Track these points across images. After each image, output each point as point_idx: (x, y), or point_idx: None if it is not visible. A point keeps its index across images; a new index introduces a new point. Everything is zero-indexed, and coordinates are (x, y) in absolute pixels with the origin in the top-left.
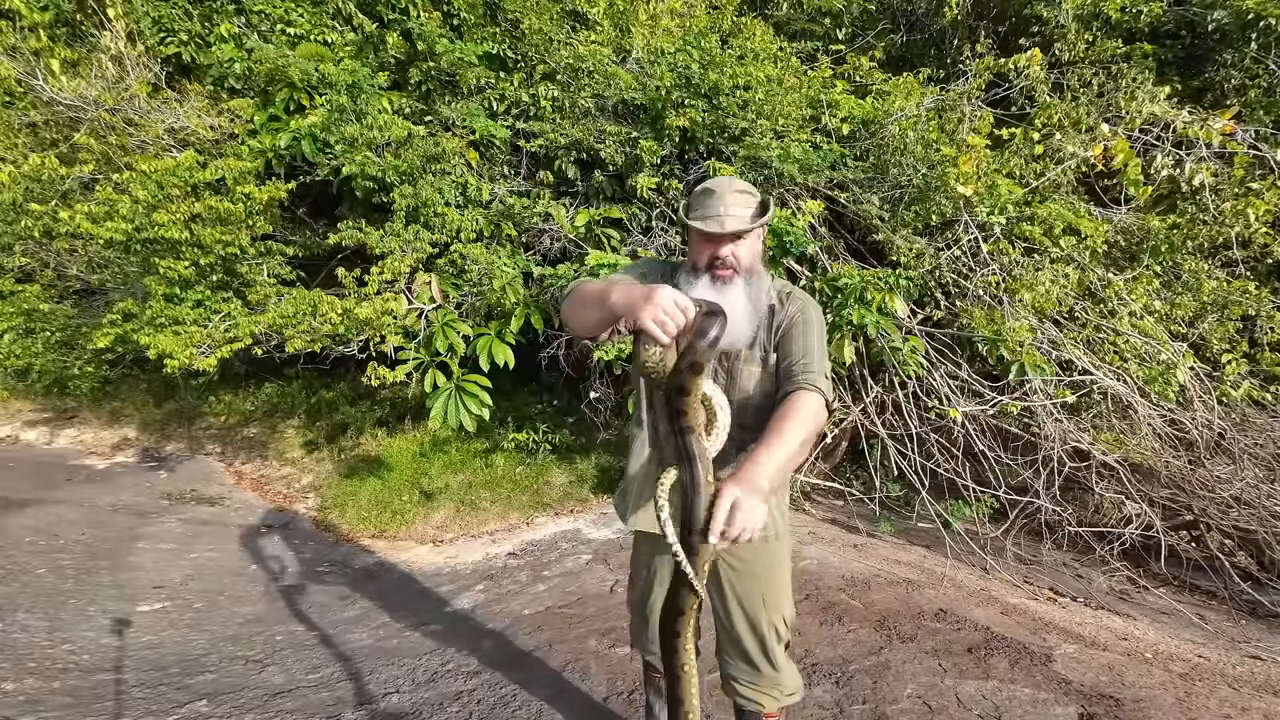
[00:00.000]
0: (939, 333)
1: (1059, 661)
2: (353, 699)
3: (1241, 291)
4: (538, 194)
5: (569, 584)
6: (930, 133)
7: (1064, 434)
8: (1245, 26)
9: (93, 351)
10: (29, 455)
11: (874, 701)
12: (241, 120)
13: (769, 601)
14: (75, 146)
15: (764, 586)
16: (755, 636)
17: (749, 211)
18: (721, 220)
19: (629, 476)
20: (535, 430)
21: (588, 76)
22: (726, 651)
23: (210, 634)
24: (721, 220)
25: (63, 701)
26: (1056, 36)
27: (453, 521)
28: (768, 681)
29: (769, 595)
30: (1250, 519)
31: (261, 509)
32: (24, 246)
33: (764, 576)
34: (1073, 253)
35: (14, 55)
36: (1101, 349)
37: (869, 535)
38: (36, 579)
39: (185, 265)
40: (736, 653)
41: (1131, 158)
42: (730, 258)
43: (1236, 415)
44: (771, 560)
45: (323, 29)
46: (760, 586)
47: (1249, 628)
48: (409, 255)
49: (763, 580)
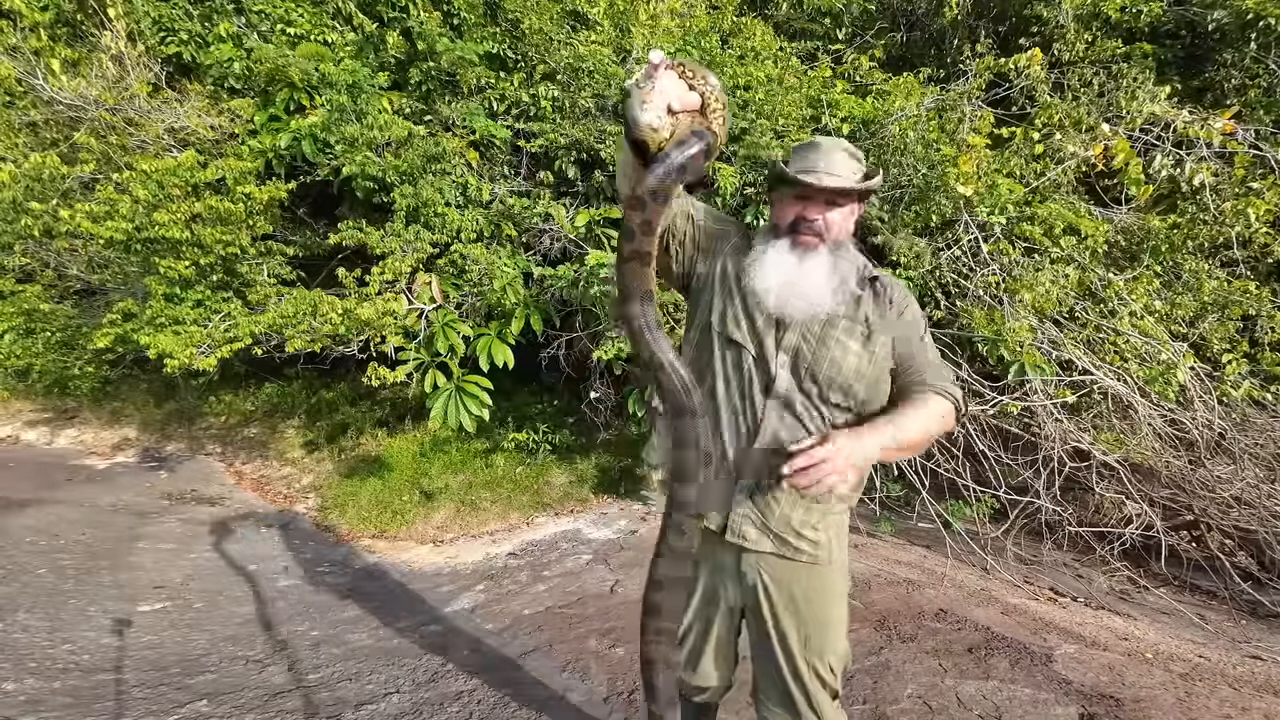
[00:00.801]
0: (939, 333)
1: (1059, 661)
2: (353, 699)
3: (1242, 291)
4: (538, 194)
5: (569, 584)
6: (930, 133)
7: (1064, 434)
8: (1245, 26)
9: (93, 351)
10: (29, 455)
11: (874, 701)
12: (241, 120)
13: (812, 642)
14: (75, 146)
15: (807, 622)
16: (796, 681)
17: (855, 175)
18: (819, 176)
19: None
20: (535, 430)
21: (588, 76)
22: (764, 692)
23: (210, 634)
24: (819, 176)
25: (63, 701)
26: (1056, 36)
27: (453, 521)
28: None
29: (813, 634)
30: (1250, 519)
31: (262, 509)
32: (24, 246)
33: (806, 610)
34: (1073, 253)
35: (14, 55)
36: (1102, 349)
37: (869, 535)
38: (37, 579)
39: (185, 265)
40: (774, 697)
41: (1132, 157)
42: (820, 222)
43: (1236, 415)
44: (820, 589)
45: (323, 29)
46: (801, 622)
47: (1249, 628)
48: (409, 255)
49: (804, 613)
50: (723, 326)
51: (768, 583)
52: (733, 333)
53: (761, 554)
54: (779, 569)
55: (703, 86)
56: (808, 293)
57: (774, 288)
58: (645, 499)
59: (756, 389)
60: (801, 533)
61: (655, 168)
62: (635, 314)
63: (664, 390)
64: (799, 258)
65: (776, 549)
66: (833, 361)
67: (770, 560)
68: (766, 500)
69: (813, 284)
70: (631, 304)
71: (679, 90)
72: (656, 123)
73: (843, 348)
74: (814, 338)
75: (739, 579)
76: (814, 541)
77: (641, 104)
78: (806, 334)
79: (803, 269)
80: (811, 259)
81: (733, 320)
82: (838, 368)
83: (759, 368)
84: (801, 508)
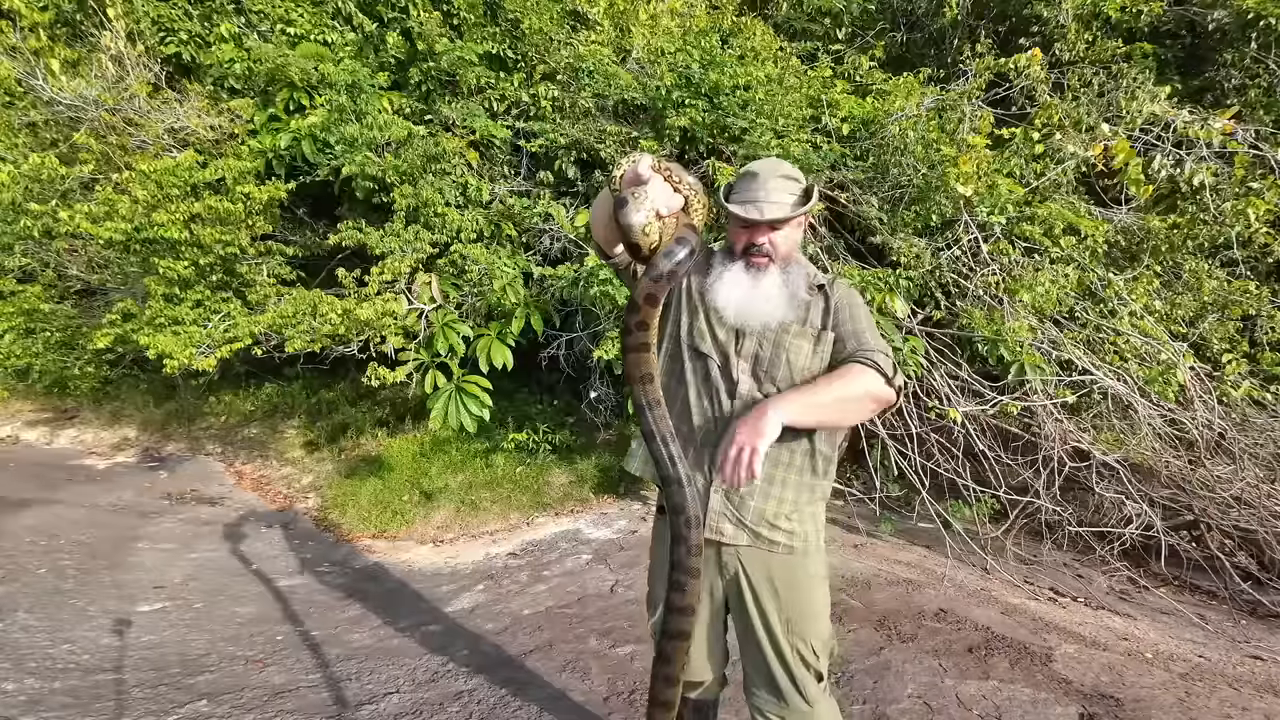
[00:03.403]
0: (939, 333)
1: (1059, 661)
2: (353, 699)
3: (1242, 291)
4: (538, 194)
5: (569, 584)
6: (930, 133)
7: (1064, 434)
8: (1245, 26)
9: (93, 351)
10: (29, 455)
11: (874, 701)
12: (241, 120)
13: (794, 626)
14: (75, 146)
15: (787, 606)
16: (781, 664)
17: (791, 198)
18: (760, 207)
19: None
20: (535, 430)
21: (588, 76)
22: (751, 680)
23: (210, 634)
24: (760, 207)
25: (63, 701)
26: (1056, 36)
27: (453, 521)
28: (799, 717)
29: (794, 617)
30: (1250, 519)
31: (262, 509)
32: (24, 246)
33: (786, 595)
34: (1073, 253)
35: (14, 55)
36: (1101, 349)
37: (869, 535)
38: (37, 579)
39: (185, 265)
40: (760, 682)
41: (1132, 157)
42: (766, 245)
43: (1236, 415)
44: (794, 578)
45: (323, 29)
46: (781, 606)
47: (1249, 628)
48: (409, 255)
49: (784, 598)
50: (691, 339)
51: (747, 572)
52: (700, 344)
53: (740, 548)
54: (757, 560)
55: (687, 191)
56: (762, 308)
57: (732, 304)
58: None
59: (723, 393)
60: (775, 524)
61: (647, 274)
62: (637, 394)
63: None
64: (753, 277)
65: (752, 542)
66: (787, 363)
67: (749, 553)
68: (739, 497)
69: (766, 299)
70: (634, 386)
71: (665, 196)
72: (648, 226)
73: (796, 349)
74: (770, 343)
75: (720, 572)
76: (789, 532)
77: (636, 210)
78: (763, 341)
79: (757, 287)
80: (764, 277)
81: (699, 334)
82: (792, 368)
83: (724, 375)
84: (773, 500)
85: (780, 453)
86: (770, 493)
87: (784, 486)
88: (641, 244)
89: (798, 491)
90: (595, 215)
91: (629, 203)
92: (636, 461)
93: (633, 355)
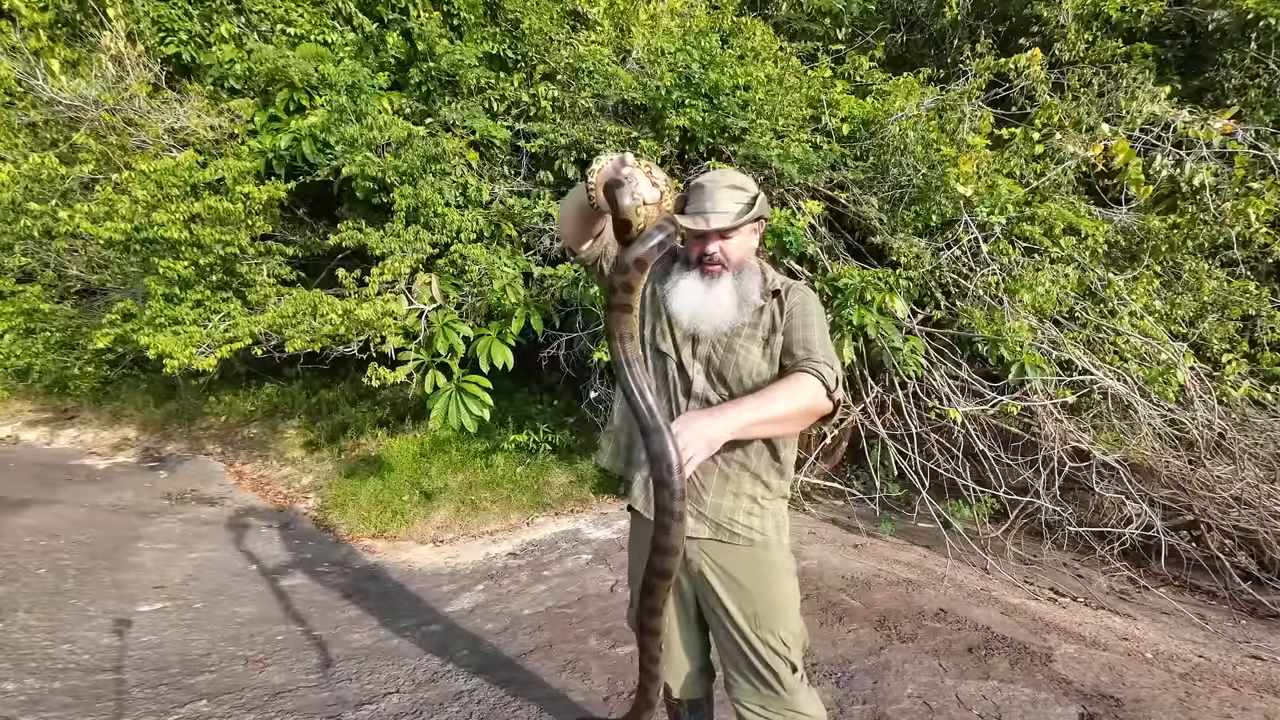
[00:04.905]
0: (939, 333)
1: (1059, 661)
2: (353, 699)
3: (1241, 291)
4: (538, 194)
5: (569, 584)
6: (930, 133)
7: (1064, 434)
8: (1245, 26)
9: (93, 351)
10: (29, 455)
11: (874, 701)
12: (241, 120)
13: (761, 619)
14: (75, 146)
15: (754, 599)
16: (754, 655)
17: (738, 208)
18: (707, 218)
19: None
20: (535, 430)
21: (588, 76)
22: (728, 675)
23: (210, 634)
24: (707, 218)
25: (63, 701)
26: (1056, 36)
27: (453, 521)
28: (779, 704)
29: (761, 610)
30: (1250, 519)
31: (262, 509)
32: (24, 246)
33: (752, 587)
34: (1073, 253)
35: (14, 55)
36: (1101, 349)
37: (869, 535)
38: (37, 579)
39: (185, 265)
40: (736, 675)
41: (1132, 157)
42: (718, 254)
43: (1236, 415)
44: (758, 570)
45: (323, 29)
46: (748, 599)
47: (1249, 628)
48: (409, 256)
49: (750, 590)
50: (653, 339)
51: (713, 565)
52: (660, 344)
53: (702, 540)
54: (720, 553)
55: (662, 185)
56: (715, 313)
57: (687, 310)
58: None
59: (680, 391)
60: (734, 518)
61: (642, 243)
62: (616, 349)
63: (634, 411)
64: (707, 285)
65: (714, 534)
66: (737, 365)
67: (711, 545)
68: (696, 491)
69: (719, 305)
70: (613, 341)
71: (647, 186)
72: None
73: (746, 351)
74: (722, 346)
75: (686, 566)
76: (748, 527)
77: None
78: (716, 344)
79: (710, 294)
80: (717, 284)
81: (660, 334)
82: (742, 370)
83: (680, 374)
84: (729, 496)
85: (736, 453)
86: (727, 489)
87: (740, 483)
88: (633, 221)
89: (754, 488)
90: (565, 212)
91: (624, 185)
92: (606, 456)
93: (615, 313)
